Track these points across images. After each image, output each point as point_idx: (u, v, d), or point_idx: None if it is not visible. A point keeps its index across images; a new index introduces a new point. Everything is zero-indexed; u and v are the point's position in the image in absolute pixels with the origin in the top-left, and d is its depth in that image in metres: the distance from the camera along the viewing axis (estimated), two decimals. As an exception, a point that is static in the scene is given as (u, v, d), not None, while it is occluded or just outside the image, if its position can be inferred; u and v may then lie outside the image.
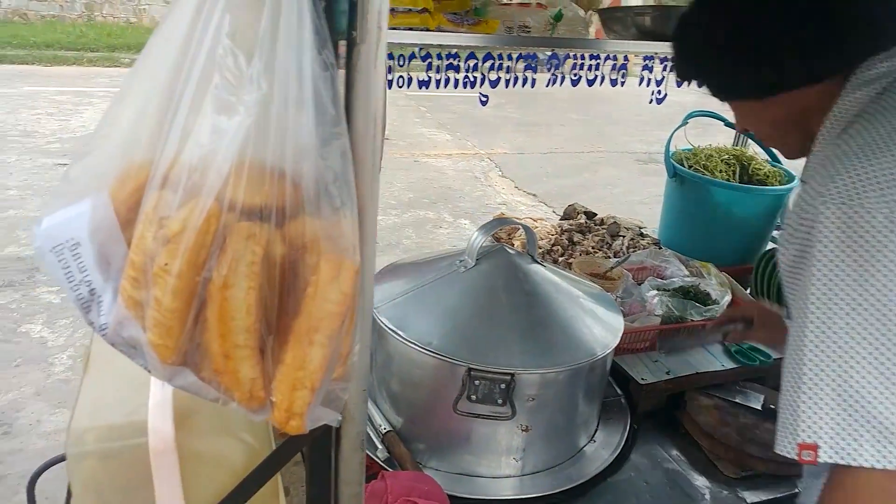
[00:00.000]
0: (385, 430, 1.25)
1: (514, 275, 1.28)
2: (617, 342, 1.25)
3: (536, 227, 1.82)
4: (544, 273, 1.33)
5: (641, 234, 1.89)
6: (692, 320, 1.51)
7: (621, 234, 1.84)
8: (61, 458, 0.86)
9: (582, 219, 1.89)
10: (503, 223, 1.41)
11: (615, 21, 1.53)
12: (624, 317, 1.35)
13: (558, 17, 1.41)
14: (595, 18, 1.57)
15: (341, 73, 0.67)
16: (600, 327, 1.26)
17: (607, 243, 1.80)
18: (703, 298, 1.58)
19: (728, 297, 1.56)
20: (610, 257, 1.76)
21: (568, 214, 1.93)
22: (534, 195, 5.68)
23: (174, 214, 0.60)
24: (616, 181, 6.25)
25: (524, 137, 7.80)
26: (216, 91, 0.61)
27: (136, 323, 0.64)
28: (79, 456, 0.81)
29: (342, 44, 0.68)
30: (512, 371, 1.13)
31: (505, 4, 1.38)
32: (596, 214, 1.94)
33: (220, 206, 0.60)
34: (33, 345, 3.23)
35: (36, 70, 9.66)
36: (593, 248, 1.76)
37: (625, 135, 7.91)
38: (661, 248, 1.76)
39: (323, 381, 0.65)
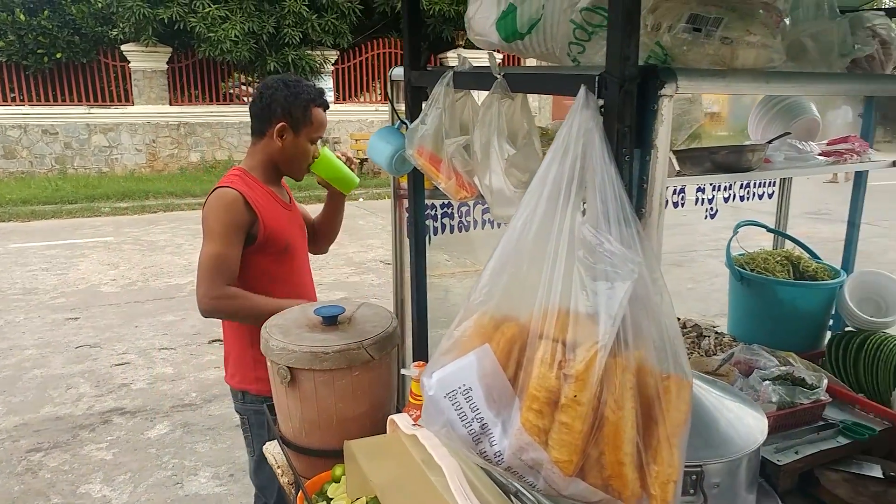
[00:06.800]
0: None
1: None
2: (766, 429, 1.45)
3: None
4: (688, 376, 1.54)
5: (719, 333, 2.13)
6: (801, 404, 1.73)
7: (705, 334, 2.08)
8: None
9: (669, 324, 2.14)
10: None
11: (691, 159, 1.84)
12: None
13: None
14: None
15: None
16: (750, 418, 1.46)
17: (697, 344, 2.03)
18: (801, 383, 1.80)
19: (825, 380, 1.78)
20: (702, 356, 1.99)
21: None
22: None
23: (577, 357, 0.80)
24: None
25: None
26: (587, 263, 0.83)
27: (538, 447, 0.82)
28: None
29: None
30: (700, 463, 1.31)
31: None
32: (679, 318, 2.18)
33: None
34: (97, 505, 3.20)
35: (17, 227, 9.76)
36: (688, 349, 1.98)
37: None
38: (746, 344, 1.99)
39: (680, 477, 0.84)
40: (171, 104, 13.80)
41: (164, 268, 7.46)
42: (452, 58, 13.92)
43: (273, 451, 1.73)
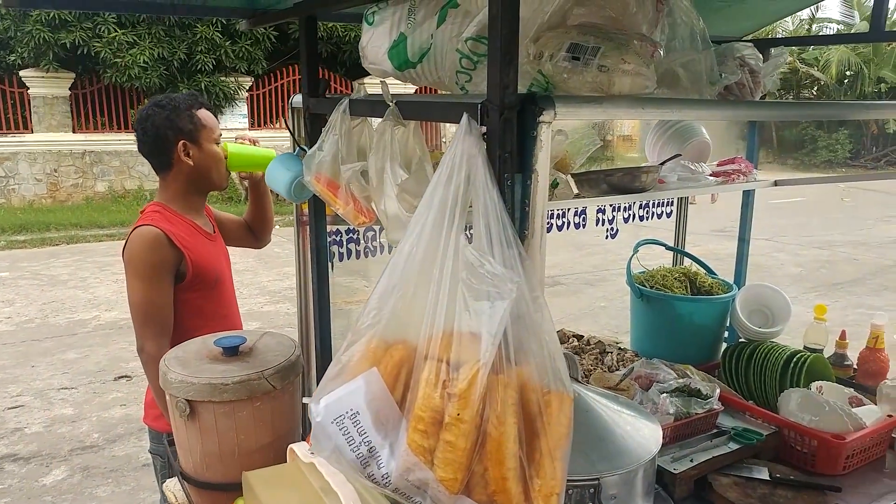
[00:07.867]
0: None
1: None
2: (661, 439, 1.51)
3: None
4: (587, 392, 1.58)
5: (622, 349, 2.20)
6: (696, 413, 1.81)
7: (608, 350, 2.15)
8: None
9: (574, 342, 2.19)
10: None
11: (588, 182, 1.92)
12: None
13: (554, 185, 1.77)
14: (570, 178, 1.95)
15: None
16: (646, 429, 1.52)
17: (600, 360, 2.10)
18: (697, 394, 1.89)
19: (718, 391, 1.87)
20: (605, 371, 2.05)
21: (560, 339, 2.22)
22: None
23: (459, 376, 0.82)
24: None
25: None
26: (470, 284, 0.85)
27: (423, 466, 0.83)
28: None
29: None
30: (597, 476, 1.35)
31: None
32: (583, 336, 2.25)
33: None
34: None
35: None
36: (592, 365, 2.04)
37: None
38: (647, 358, 2.08)
39: (563, 489, 0.86)
40: (74, 132, 13.16)
41: (66, 303, 7.05)
42: (369, 83, 13.98)
43: (173, 488, 1.66)
